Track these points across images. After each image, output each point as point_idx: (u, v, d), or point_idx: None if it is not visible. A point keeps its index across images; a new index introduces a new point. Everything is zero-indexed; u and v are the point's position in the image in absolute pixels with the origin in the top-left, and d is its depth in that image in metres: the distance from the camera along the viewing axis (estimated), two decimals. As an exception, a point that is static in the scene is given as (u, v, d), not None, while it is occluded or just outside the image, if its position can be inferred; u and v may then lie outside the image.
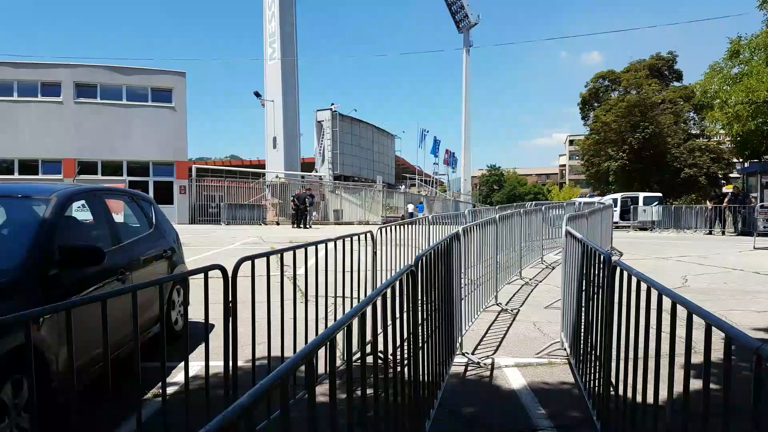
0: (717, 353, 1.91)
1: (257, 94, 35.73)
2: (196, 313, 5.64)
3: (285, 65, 34.84)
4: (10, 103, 26.39)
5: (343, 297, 4.85)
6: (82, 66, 27.79)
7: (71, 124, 26.81)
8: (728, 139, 30.59)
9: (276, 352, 3.77)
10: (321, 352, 1.69)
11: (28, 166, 26.68)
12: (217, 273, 3.28)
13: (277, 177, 33.12)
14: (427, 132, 50.10)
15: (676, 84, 45.11)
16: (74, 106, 27.00)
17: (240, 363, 3.48)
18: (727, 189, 24.26)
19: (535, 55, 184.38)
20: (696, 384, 2.05)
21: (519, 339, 5.56)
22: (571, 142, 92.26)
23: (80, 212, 4.56)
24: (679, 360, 2.14)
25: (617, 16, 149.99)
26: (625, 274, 2.83)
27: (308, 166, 41.18)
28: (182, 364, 3.27)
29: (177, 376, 4.31)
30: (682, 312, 2.11)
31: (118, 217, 5.04)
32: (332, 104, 40.05)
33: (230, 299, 3.28)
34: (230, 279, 3.28)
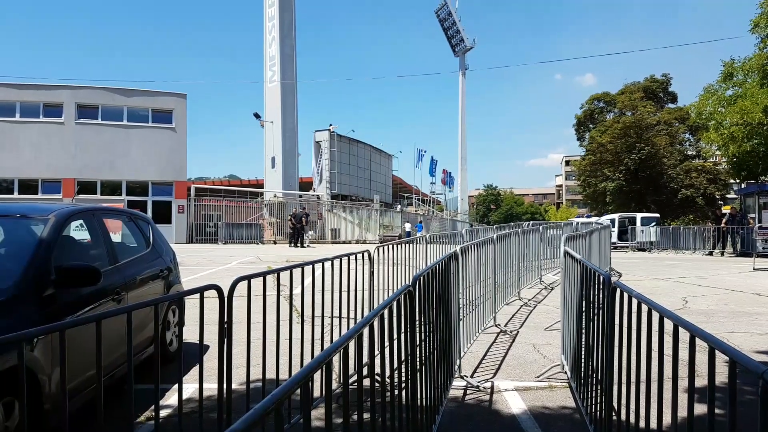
0: (720, 376, 1.88)
1: (257, 115, 36.04)
2: (191, 334, 5.58)
3: (284, 87, 35.23)
4: (12, 123, 26.53)
5: (340, 317, 4.80)
6: (84, 88, 28.03)
7: (72, 144, 26.94)
8: (724, 160, 30.78)
9: (271, 374, 3.72)
10: (317, 375, 1.65)
11: (28, 186, 26.72)
12: (213, 293, 3.25)
13: (275, 196, 33.19)
14: (424, 152, 50.41)
15: (671, 106, 45.57)
16: (75, 126, 27.16)
17: (234, 385, 3.42)
18: (725, 210, 24.32)
19: (529, 78, 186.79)
20: (700, 408, 2.02)
21: (519, 362, 5.49)
22: (568, 163, 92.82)
23: (78, 232, 4.54)
24: (683, 383, 2.10)
25: (611, 39, 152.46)
26: (625, 295, 2.80)
27: (306, 185, 41.32)
28: (176, 386, 3.22)
29: (170, 399, 4.23)
30: (684, 334, 2.08)
31: (116, 237, 5.02)
32: (330, 125, 40.38)
33: (225, 320, 3.24)
34: (226, 299, 3.25)
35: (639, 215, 29.48)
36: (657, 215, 30.67)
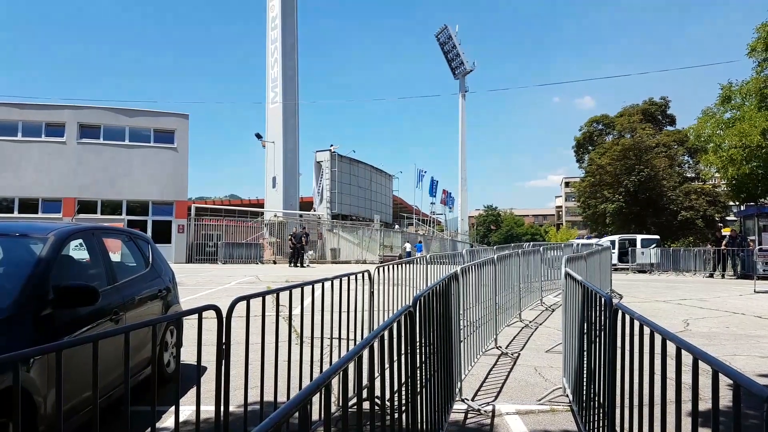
0: (724, 400, 1.86)
1: (258, 136, 36.29)
2: (189, 355, 5.52)
3: (286, 108, 35.57)
4: (14, 143, 26.68)
5: (339, 338, 4.76)
6: (86, 108, 28.25)
7: (73, 163, 27.04)
8: (723, 182, 30.89)
9: (269, 396, 3.67)
10: (316, 398, 1.63)
11: (29, 205, 26.74)
12: (212, 313, 3.23)
13: (275, 216, 33.21)
14: (425, 172, 50.59)
15: (669, 128, 45.88)
16: (77, 146, 27.30)
17: (232, 408, 3.37)
18: (725, 231, 24.31)
19: (529, 100, 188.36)
20: (704, 433, 1.99)
21: (520, 384, 5.43)
22: (567, 184, 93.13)
23: (77, 251, 4.53)
24: (686, 407, 2.08)
25: (609, 62, 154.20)
26: (627, 317, 2.78)
27: (306, 205, 41.39)
28: (173, 408, 3.18)
29: (167, 421, 4.17)
30: (686, 357, 2.06)
31: (115, 256, 5.00)
32: (331, 145, 40.63)
33: (224, 341, 3.21)
34: (224, 320, 3.22)
35: (639, 237, 29.45)
36: (657, 237, 30.64)
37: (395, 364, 2.58)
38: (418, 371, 2.92)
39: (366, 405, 2.28)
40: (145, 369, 4.61)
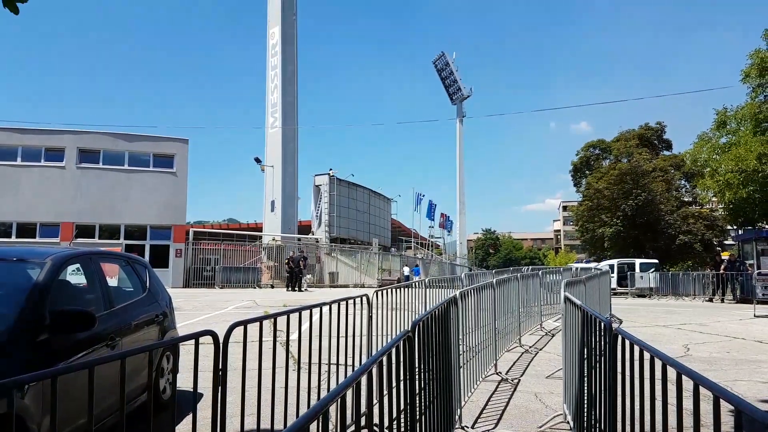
0: (725, 426, 1.84)
1: (257, 160, 36.49)
2: (185, 381, 5.46)
3: (285, 133, 35.85)
4: (13, 167, 26.76)
5: (337, 364, 4.71)
6: (86, 133, 28.42)
7: (72, 188, 27.09)
8: (721, 206, 31.01)
9: (266, 424, 3.62)
10: (313, 426, 1.61)
11: (27, 229, 26.68)
12: (209, 339, 3.20)
13: (273, 239, 33.15)
14: (423, 196, 50.78)
15: (666, 153, 46.25)
16: (76, 170, 27.38)
17: (229, 435, 3.32)
18: (724, 255, 24.32)
19: (525, 125, 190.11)
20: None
21: (520, 411, 5.36)
22: (565, 208, 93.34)
23: (75, 276, 4.52)
24: (688, 435, 2.05)
25: (604, 88, 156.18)
26: (627, 342, 2.77)
27: (305, 228, 41.36)
28: (168, 436, 3.13)
29: (162, 449, 4.10)
30: (687, 383, 2.04)
31: (113, 281, 4.99)
32: (330, 169, 40.83)
33: (220, 367, 3.18)
34: (221, 346, 3.20)
35: (638, 261, 29.42)
36: (656, 261, 30.61)
37: (394, 391, 2.55)
38: (417, 398, 2.89)
39: (364, 432, 2.25)
40: (140, 395, 4.55)
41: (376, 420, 2.24)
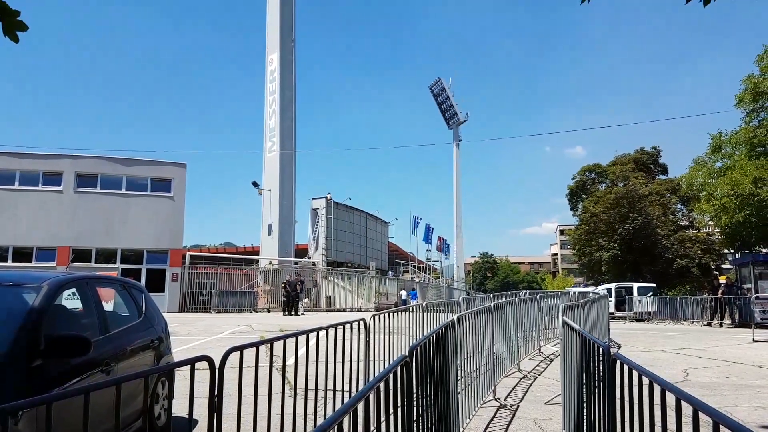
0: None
1: (255, 184, 36.63)
2: (180, 408, 5.38)
3: (283, 157, 36.08)
4: (10, 192, 26.77)
5: (334, 390, 4.66)
6: (84, 157, 28.49)
7: (69, 212, 27.06)
8: (717, 230, 31.11)
9: (263, 451, 3.56)
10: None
11: (23, 253, 26.55)
12: (204, 364, 3.18)
13: (270, 263, 33.03)
14: (420, 219, 50.88)
15: (662, 177, 46.60)
16: (73, 195, 27.38)
17: (224, 463, 3.27)
18: (722, 279, 24.31)
19: (521, 149, 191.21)
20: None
21: (519, 437, 5.29)
22: (562, 232, 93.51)
23: (70, 300, 4.49)
24: (688, 461, 2.03)
25: (598, 112, 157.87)
26: (626, 367, 2.76)
27: (302, 252, 41.26)
28: (162, 464, 3.08)
29: (156, 478, 4.03)
30: (686, 408, 2.03)
31: (108, 306, 4.96)
32: (328, 193, 40.93)
33: (216, 393, 3.15)
34: (217, 371, 3.17)
35: (636, 285, 29.36)
36: (653, 285, 30.55)
37: (392, 417, 2.53)
38: (415, 424, 2.86)
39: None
40: (136, 421, 4.48)
41: (373, 447, 2.22)
